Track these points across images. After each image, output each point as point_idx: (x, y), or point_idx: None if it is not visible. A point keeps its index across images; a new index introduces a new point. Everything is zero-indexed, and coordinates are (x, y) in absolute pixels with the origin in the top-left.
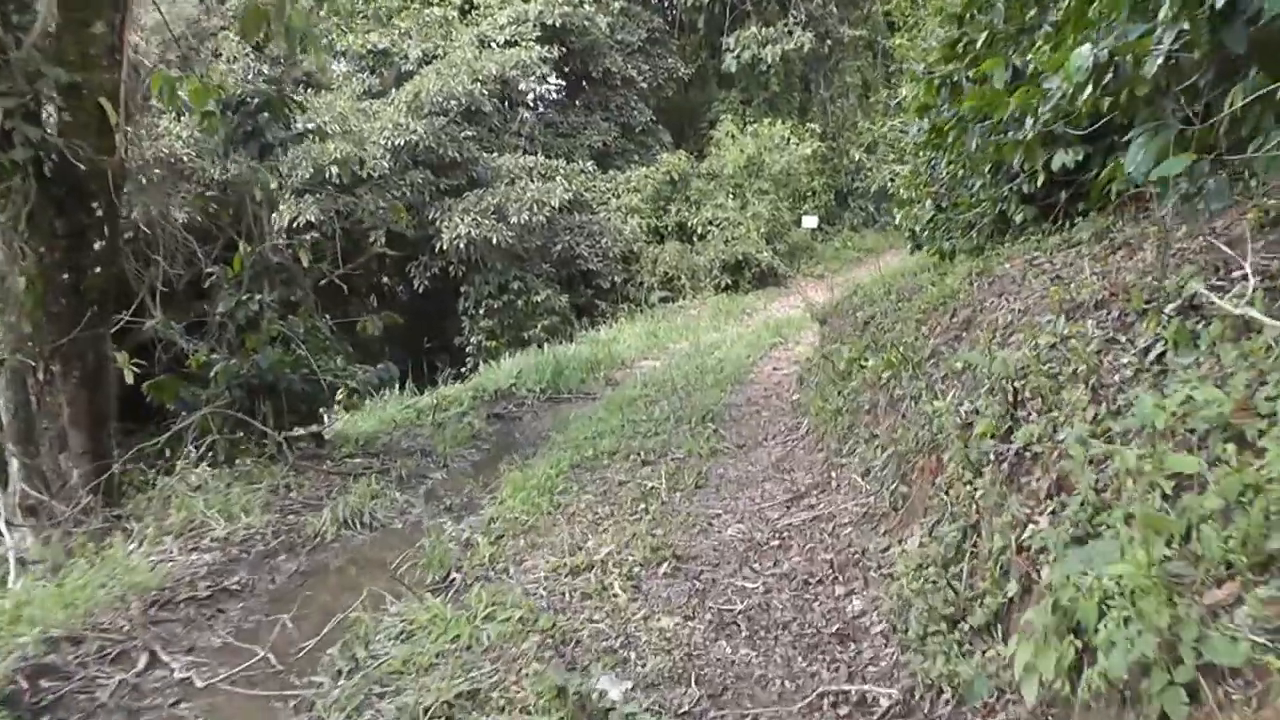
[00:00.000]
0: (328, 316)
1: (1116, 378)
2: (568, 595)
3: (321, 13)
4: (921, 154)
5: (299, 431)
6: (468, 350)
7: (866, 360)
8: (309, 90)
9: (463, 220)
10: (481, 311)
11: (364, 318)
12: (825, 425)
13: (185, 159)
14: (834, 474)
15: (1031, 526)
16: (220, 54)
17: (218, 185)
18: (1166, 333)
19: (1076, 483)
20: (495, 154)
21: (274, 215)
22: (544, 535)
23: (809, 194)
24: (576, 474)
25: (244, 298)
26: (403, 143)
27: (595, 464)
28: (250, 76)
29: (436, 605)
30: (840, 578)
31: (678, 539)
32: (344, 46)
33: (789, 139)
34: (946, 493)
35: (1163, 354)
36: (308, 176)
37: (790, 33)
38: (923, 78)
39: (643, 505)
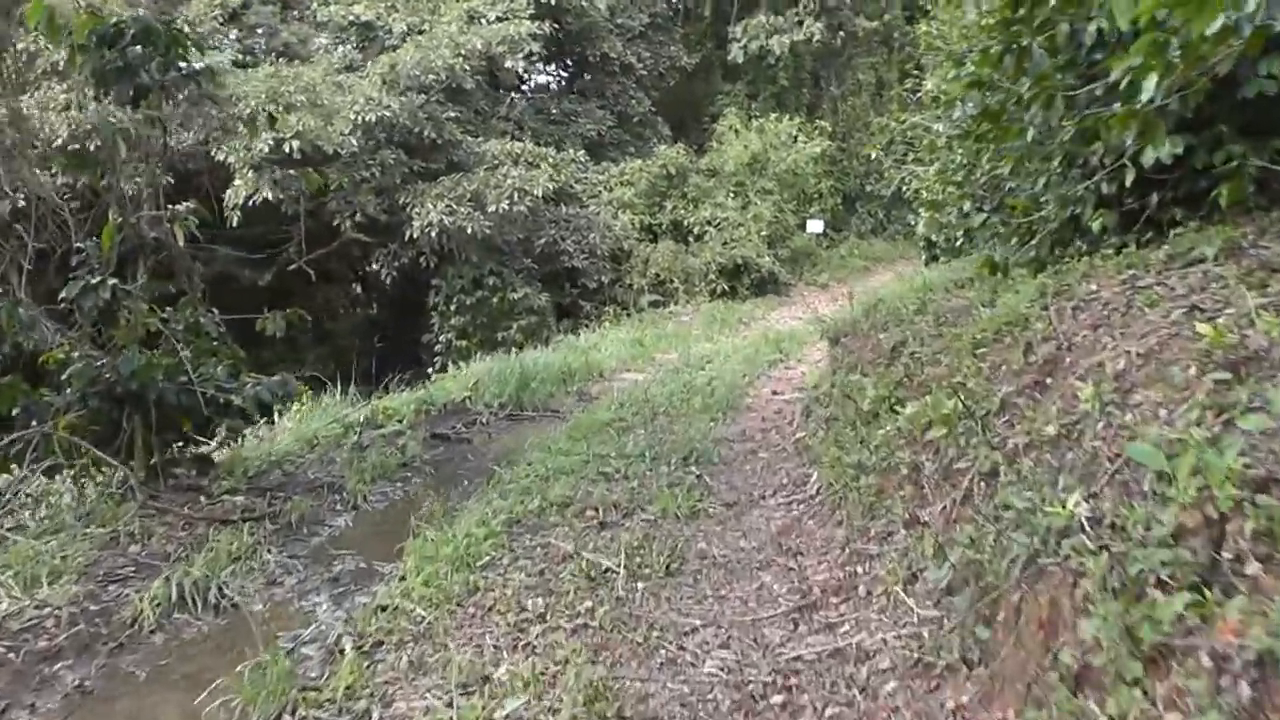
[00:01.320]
0: (215, 311)
1: None
2: None
3: None
4: (957, 149)
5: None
6: (436, 349)
7: (901, 404)
8: (283, 60)
9: (435, 206)
10: (453, 308)
11: (266, 315)
12: (843, 485)
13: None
14: (860, 569)
15: None
16: None
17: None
18: None
19: None
20: (481, 138)
21: (229, 191)
22: (440, 648)
23: (815, 196)
24: (511, 537)
25: (94, 281)
26: (374, 119)
27: (540, 522)
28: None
29: None
30: None
31: (629, 677)
32: (325, 17)
33: (796, 136)
34: (1074, 668)
35: None
36: (267, 151)
37: (801, 23)
38: (967, 56)
39: (589, 603)
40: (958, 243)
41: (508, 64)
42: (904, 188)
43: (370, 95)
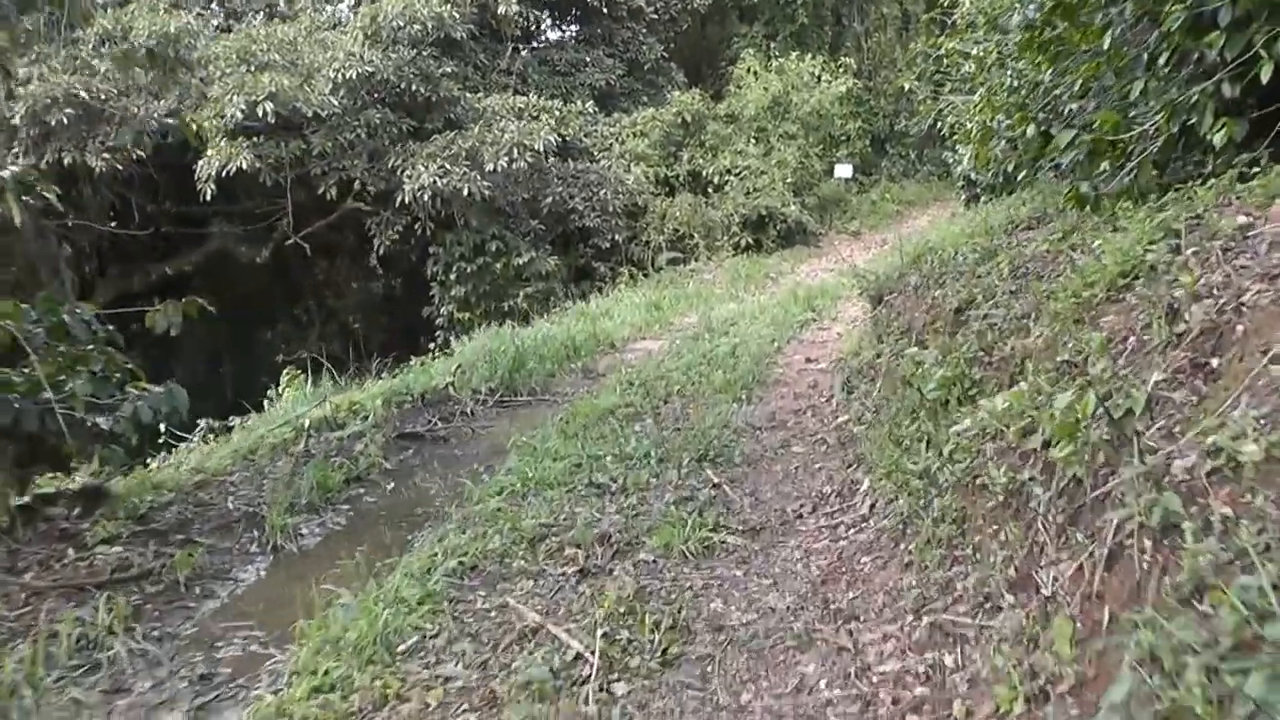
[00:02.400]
0: (84, 308)
1: None
2: None
3: None
4: (1011, 66)
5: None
6: (438, 323)
7: (979, 389)
8: (264, 17)
9: (427, 167)
10: (453, 277)
11: (157, 306)
12: (907, 504)
13: None
14: (948, 658)
15: None
16: None
17: None
18: None
19: None
20: (481, 94)
21: (201, 162)
22: None
23: (843, 139)
24: (458, 598)
25: None
26: (356, 76)
27: (501, 570)
28: None
29: None
30: None
31: None
32: None
33: (820, 76)
34: None
35: None
36: (240, 116)
37: None
38: None
39: None
40: (1003, 179)
41: (501, 9)
42: (940, 123)
43: (351, 50)
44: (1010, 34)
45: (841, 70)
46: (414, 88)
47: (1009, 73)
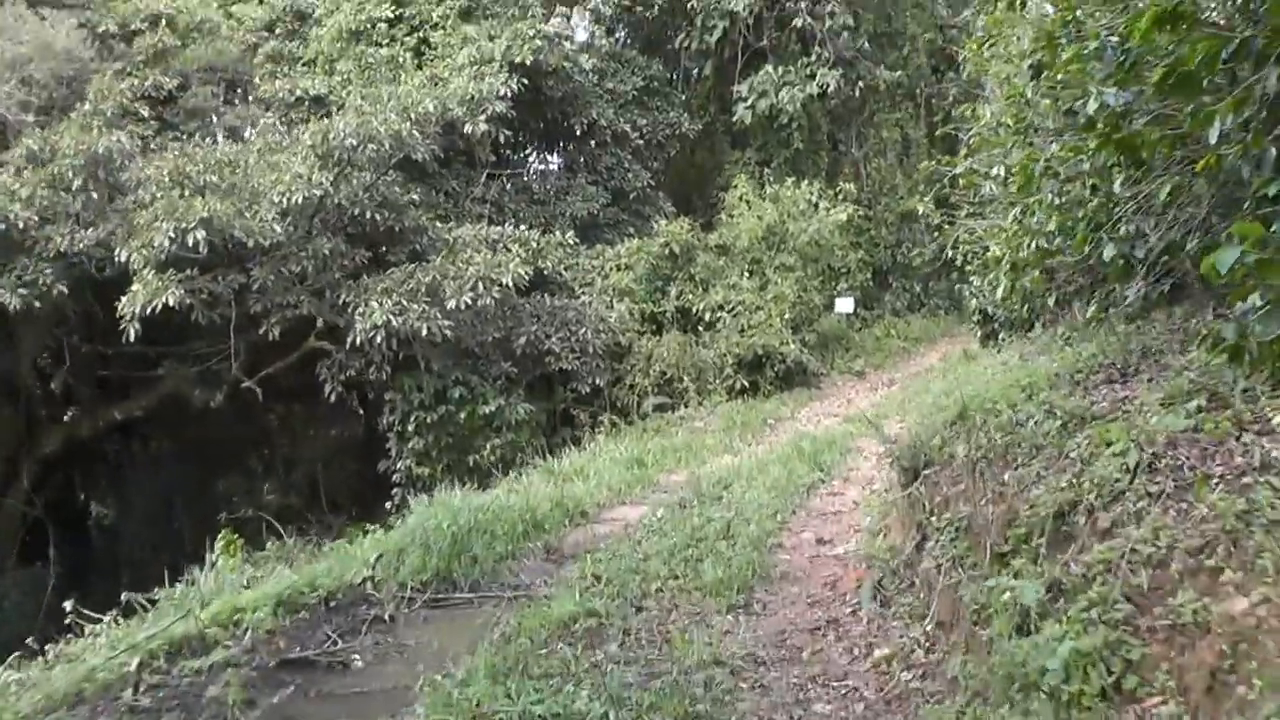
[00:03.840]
0: None
1: None
2: None
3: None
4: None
5: None
6: (395, 479)
7: (1141, 677)
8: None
9: (381, 304)
10: (411, 427)
11: None
12: None
13: None
14: None
15: None
16: None
17: None
18: None
19: None
20: (453, 224)
21: (125, 297)
22: None
23: (843, 271)
24: None
25: None
26: (301, 199)
27: None
28: None
29: None
30: None
31: None
32: (269, 93)
33: (817, 203)
34: None
35: None
36: (167, 244)
37: (813, 75)
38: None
39: None
40: (1028, 315)
41: (468, 128)
42: (953, 252)
43: (299, 172)
44: (1063, 136)
45: (841, 197)
46: (370, 215)
47: (1051, 189)
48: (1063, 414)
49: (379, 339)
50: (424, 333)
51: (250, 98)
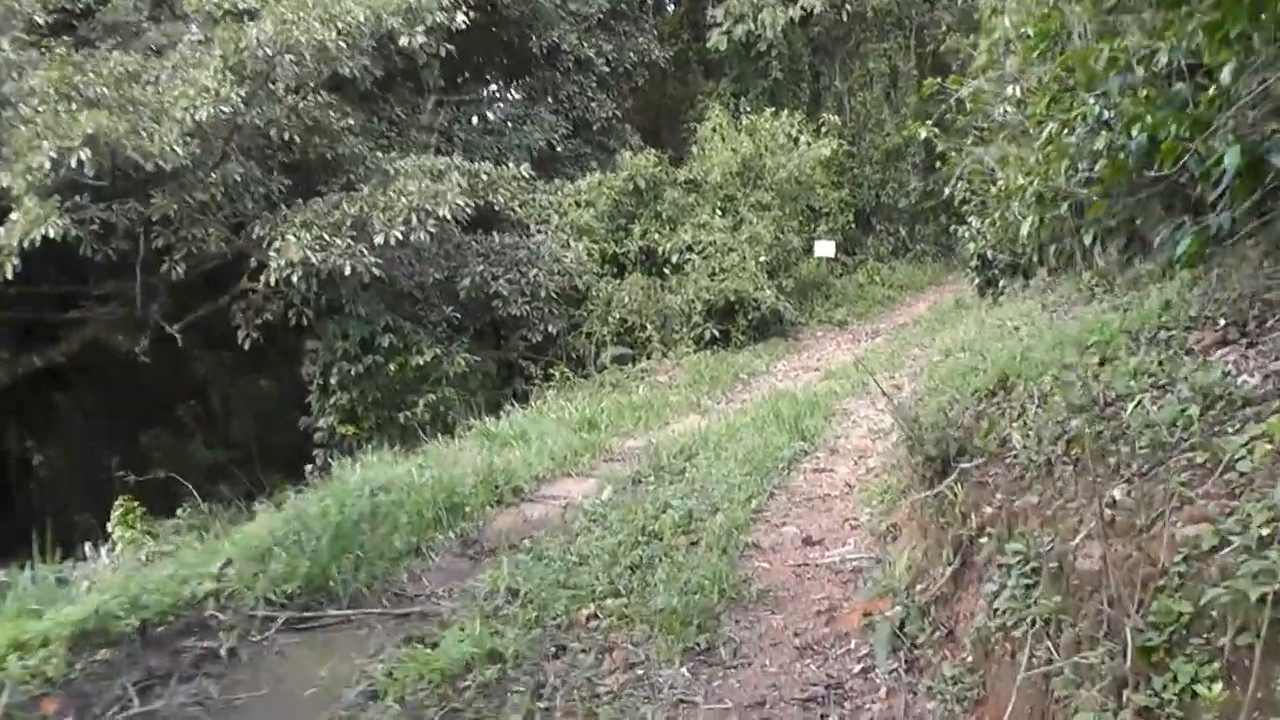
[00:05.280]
0: None
1: None
2: None
3: None
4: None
5: None
6: (317, 439)
7: None
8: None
9: (298, 239)
10: (334, 380)
11: None
12: None
13: None
14: None
15: None
16: None
17: None
18: None
19: None
20: (395, 154)
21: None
22: None
23: (824, 212)
24: None
25: None
26: (205, 117)
27: None
28: None
29: None
30: None
31: None
32: (194, 6)
33: (798, 137)
34: None
35: None
36: (48, 166)
37: None
38: None
39: None
40: (1050, 257)
41: (404, 40)
42: (952, 189)
43: (206, 86)
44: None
45: (824, 129)
46: (294, 138)
47: (1119, 84)
48: (1192, 392)
49: (295, 278)
50: (347, 271)
51: (176, 12)
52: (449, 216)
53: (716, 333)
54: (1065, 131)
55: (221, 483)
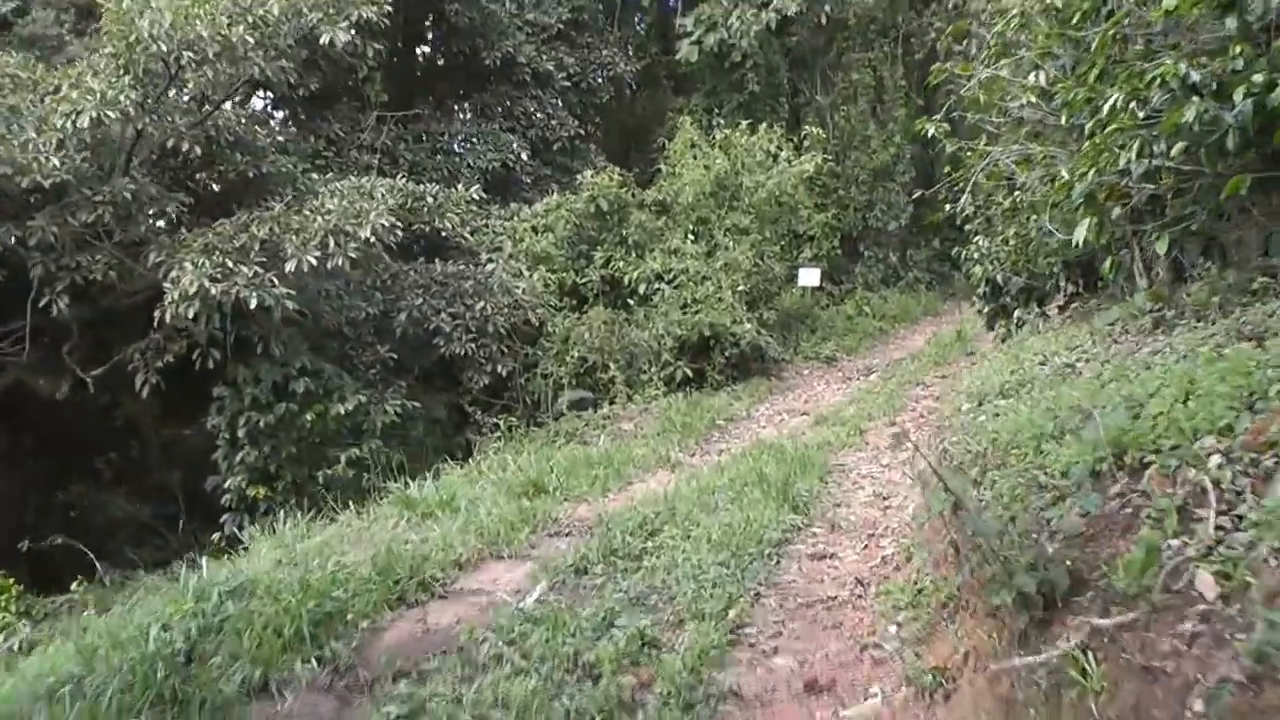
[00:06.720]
0: None
1: None
2: None
3: None
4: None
5: None
6: (224, 502)
7: None
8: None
9: (196, 266)
10: (242, 434)
11: None
12: None
13: None
14: None
15: None
16: None
17: None
18: None
19: None
20: (333, 175)
21: None
22: None
23: (808, 236)
24: None
25: None
26: (87, 123)
27: None
28: None
29: None
30: None
31: None
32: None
33: (777, 153)
34: None
35: None
36: None
37: (768, 2)
38: None
39: None
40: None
41: (324, 39)
42: (954, 206)
43: (92, 87)
44: None
45: (807, 144)
46: (196, 150)
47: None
48: None
49: (191, 313)
50: (253, 304)
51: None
52: (372, 239)
53: (689, 372)
54: (1134, 105)
55: (148, 541)
